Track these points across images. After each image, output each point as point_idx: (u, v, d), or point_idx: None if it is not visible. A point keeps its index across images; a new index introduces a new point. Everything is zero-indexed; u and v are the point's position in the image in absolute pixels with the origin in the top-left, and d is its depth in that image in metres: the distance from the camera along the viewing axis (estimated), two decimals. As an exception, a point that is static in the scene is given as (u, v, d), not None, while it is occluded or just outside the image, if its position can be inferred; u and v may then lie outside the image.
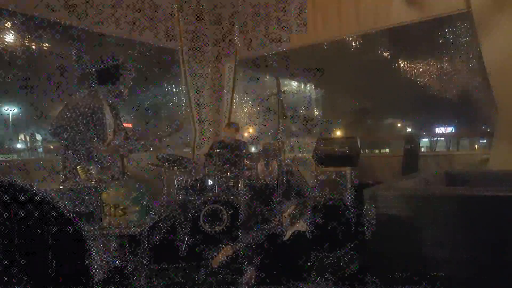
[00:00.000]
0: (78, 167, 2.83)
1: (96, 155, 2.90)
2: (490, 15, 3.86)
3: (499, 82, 3.82)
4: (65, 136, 2.83)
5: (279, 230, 2.77)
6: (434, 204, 2.11)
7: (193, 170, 4.67)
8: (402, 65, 5.21)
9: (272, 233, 2.79)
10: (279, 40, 5.38)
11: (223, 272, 3.19)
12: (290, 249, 2.82)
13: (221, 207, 3.78)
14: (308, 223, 3.03)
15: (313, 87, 6.88)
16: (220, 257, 2.66)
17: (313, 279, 2.93)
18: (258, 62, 5.85)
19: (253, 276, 2.74)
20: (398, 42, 5.25)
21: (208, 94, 6.00)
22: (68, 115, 2.86)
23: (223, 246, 2.70)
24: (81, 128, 2.89)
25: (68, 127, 2.83)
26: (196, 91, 5.74)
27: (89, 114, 2.93)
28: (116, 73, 3.18)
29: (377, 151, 6.56)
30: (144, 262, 2.93)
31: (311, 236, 2.99)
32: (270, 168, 2.92)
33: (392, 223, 2.19)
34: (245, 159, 4.35)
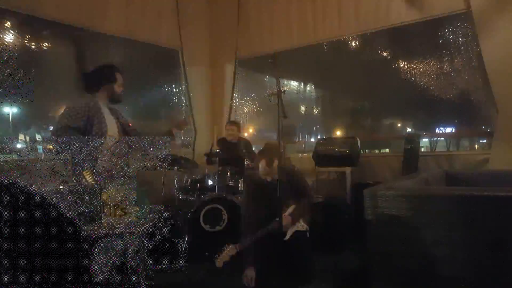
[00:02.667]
0: (84, 171, 2.77)
1: (101, 159, 2.84)
2: (490, 15, 3.86)
3: (499, 82, 3.82)
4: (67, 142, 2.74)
5: (280, 229, 2.76)
6: (434, 204, 2.11)
7: (193, 170, 4.68)
8: (401, 65, 5.21)
9: (272, 233, 2.79)
10: (279, 40, 5.38)
11: (223, 272, 3.19)
12: (290, 248, 2.82)
13: (221, 207, 3.78)
14: (308, 223, 3.02)
15: (313, 86, 6.88)
16: (224, 257, 2.66)
17: (313, 279, 2.93)
18: (258, 62, 5.84)
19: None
20: (398, 41, 5.25)
21: (208, 94, 6.00)
22: (68, 122, 2.83)
23: (226, 246, 2.69)
24: (82, 133, 2.87)
25: (70, 133, 2.80)
26: (196, 91, 5.74)
27: (88, 119, 2.90)
28: (108, 74, 3.12)
29: (377, 151, 6.55)
30: (144, 262, 2.93)
31: (310, 236, 2.99)
32: (272, 167, 2.92)
33: (392, 223, 2.19)
34: (247, 158, 4.35)
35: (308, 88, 6.89)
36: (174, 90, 5.84)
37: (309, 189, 3.24)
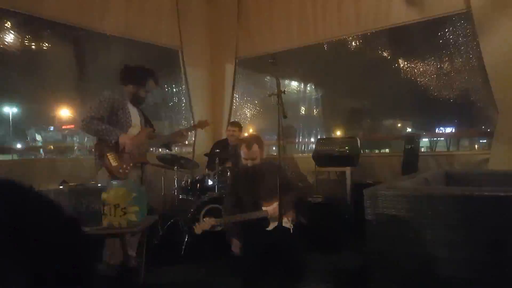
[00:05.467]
0: (108, 154, 3.07)
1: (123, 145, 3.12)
2: (490, 15, 3.86)
3: (499, 82, 3.82)
4: (96, 128, 3.05)
5: (264, 219, 2.80)
6: (434, 204, 2.11)
7: (193, 170, 4.67)
8: (401, 65, 5.21)
9: (256, 221, 2.81)
10: (279, 40, 5.38)
11: (223, 273, 3.19)
12: (273, 243, 2.76)
13: (221, 207, 3.78)
14: (293, 222, 2.97)
15: (313, 87, 6.88)
16: (203, 225, 2.67)
17: (312, 279, 2.92)
18: (258, 62, 5.84)
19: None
20: (398, 41, 5.25)
21: (208, 94, 6.00)
22: (93, 113, 3.08)
23: (207, 218, 2.72)
24: (107, 122, 3.12)
25: (94, 123, 3.05)
26: (196, 91, 5.74)
27: (112, 109, 3.16)
28: (139, 77, 3.34)
29: (377, 151, 6.55)
30: (144, 262, 2.93)
31: (293, 233, 2.95)
32: (251, 151, 2.95)
33: (392, 223, 2.19)
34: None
35: (308, 88, 6.89)
36: (174, 90, 5.84)
37: (295, 184, 3.24)
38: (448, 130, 5.88)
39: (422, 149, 5.08)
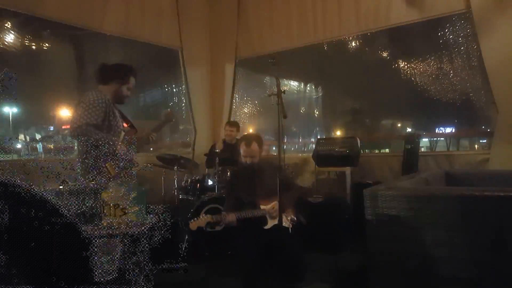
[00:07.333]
0: (107, 164, 2.86)
1: (119, 150, 2.94)
2: (490, 15, 3.86)
3: (499, 82, 3.82)
4: (94, 136, 2.81)
5: (263, 217, 2.78)
6: (434, 204, 2.11)
7: (193, 170, 4.67)
8: (401, 65, 5.21)
9: (255, 219, 2.79)
10: (279, 40, 5.38)
11: (223, 273, 3.19)
12: (271, 242, 2.75)
13: (221, 207, 3.77)
14: (291, 220, 2.96)
15: (313, 87, 6.88)
16: (199, 222, 2.62)
17: (312, 279, 2.92)
18: (258, 62, 5.84)
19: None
20: (398, 42, 5.25)
21: (208, 94, 6.00)
22: (88, 119, 2.85)
23: (204, 215, 2.65)
24: (100, 128, 2.91)
25: (89, 130, 2.83)
26: (196, 91, 5.74)
27: (105, 115, 2.95)
28: (122, 74, 3.12)
29: (377, 151, 6.55)
30: (144, 262, 2.93)
31: (292, 232, 2.93)
32: (250, 148, 2.92)
33: (392, 223, 2.19)
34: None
35: (308, 88, 6.89)
36: (174, 90, 5.84)
37: (294, 184, 3.23)
38: (448, 130, 5.88)
39: (422, 149, 5.07)
